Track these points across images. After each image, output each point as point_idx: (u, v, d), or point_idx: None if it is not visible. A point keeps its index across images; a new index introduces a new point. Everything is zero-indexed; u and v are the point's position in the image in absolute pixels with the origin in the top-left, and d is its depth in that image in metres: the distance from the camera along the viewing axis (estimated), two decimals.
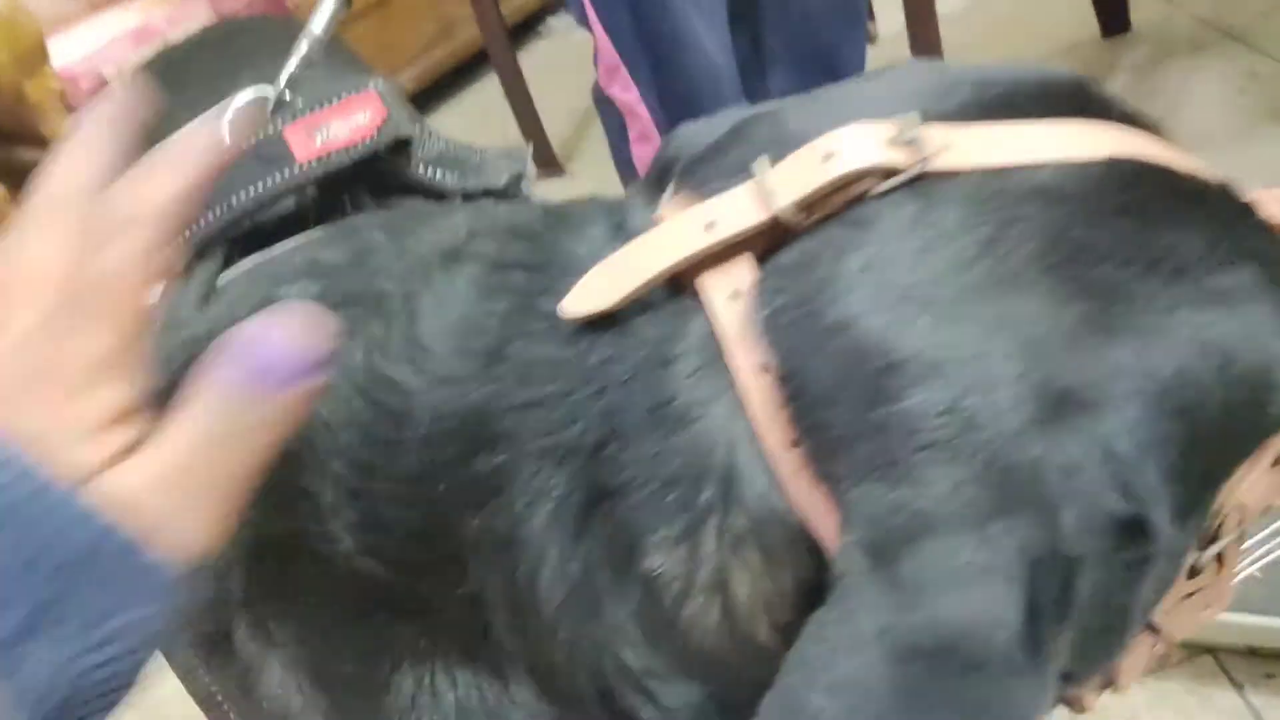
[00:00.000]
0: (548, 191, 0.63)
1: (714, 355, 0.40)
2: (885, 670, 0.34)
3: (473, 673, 0.48)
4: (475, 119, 2.65)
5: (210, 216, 0.60)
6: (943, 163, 0.40)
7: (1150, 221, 0.39)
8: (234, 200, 0.60)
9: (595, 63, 1.40)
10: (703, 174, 0.44)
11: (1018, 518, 0.35)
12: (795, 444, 0.39)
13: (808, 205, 0.40)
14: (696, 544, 0.40)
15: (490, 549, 0.45)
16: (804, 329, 0.39)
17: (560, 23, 3.04)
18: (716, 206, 0.41)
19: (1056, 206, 0.39)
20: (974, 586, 0.34)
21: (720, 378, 0.40)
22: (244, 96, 0.64)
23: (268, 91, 0.64)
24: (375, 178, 0.63)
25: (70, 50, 2.06)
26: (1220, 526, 0.42)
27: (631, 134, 1.40)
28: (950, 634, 0.34)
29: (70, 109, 1.99)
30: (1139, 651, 0.45)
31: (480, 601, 0.46)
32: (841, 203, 0.40)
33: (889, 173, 0.40)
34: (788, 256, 0.41)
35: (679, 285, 0.42)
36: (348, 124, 0.61)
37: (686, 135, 0.47)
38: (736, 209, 0.41)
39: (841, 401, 0.37)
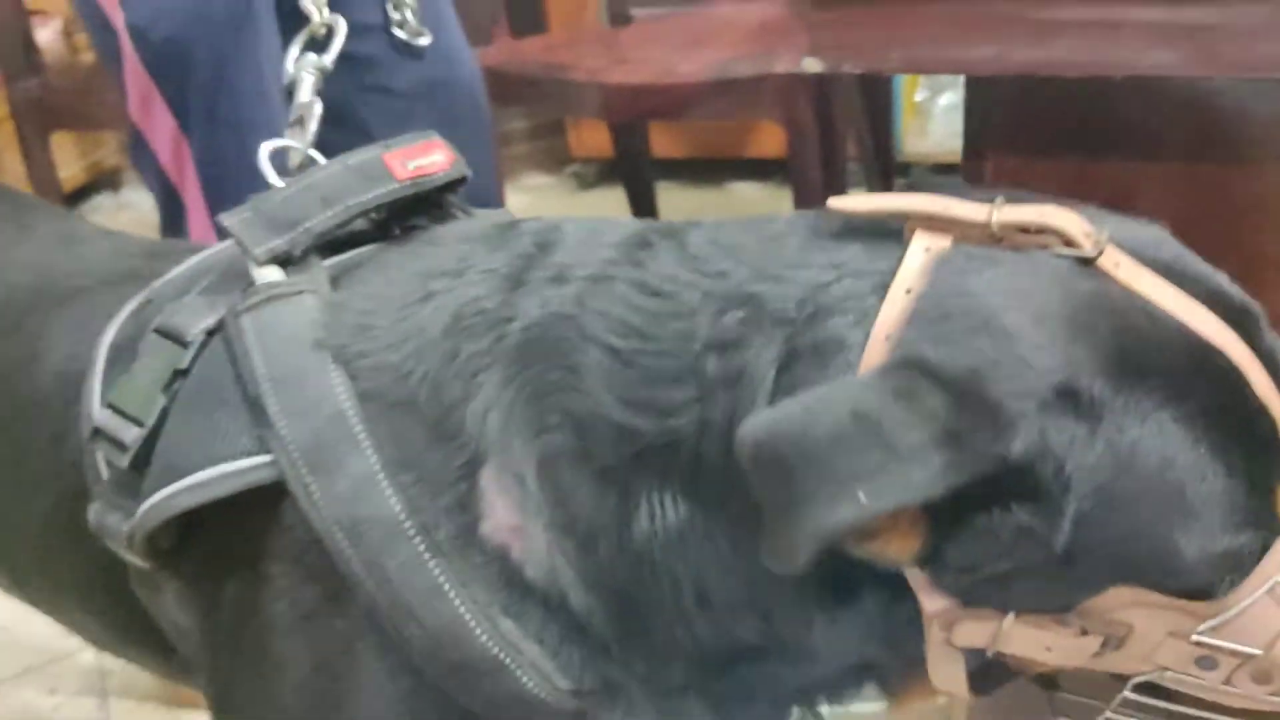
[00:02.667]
0: None
1: (890, 275, 0.58)
2: (843, 420, 0.52)
3: (689, 501, 0.61)
4: None
5: (328, 213, 0.73)
6: (1109, 262, 0.56)
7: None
8: (350, 202, 0.73)
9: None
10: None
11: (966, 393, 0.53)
12: (888, 339, 0.56)
13: (1012, 229, 0.58)
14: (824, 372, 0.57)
15: (723, 384, 0.59)
16: (946, 285, 0.57)
17: (108, 200, 2.98)
18: (957, 203, 0.59)
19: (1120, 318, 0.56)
20: (929, 411, 0.52)
21: (882, 290, 0.58)
22: (276, 144, 0.82)
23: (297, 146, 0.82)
24: (432, 206, 0.78)
25: None
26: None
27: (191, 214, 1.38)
28: (886, 428, 0.52)
29: None
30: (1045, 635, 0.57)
31: (702, 434, 0.60)
32: (1029, 243, 0.58)
33: (1068, 243, 0.57)
34: (968, 249, 0.58)
35: (899, 233, 0.59)
36: (430, 157, 0.77)
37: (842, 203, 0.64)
38: (971, 208, 0.58)
39: (934, 328, 0.55)
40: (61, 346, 0.80)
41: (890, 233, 0.60)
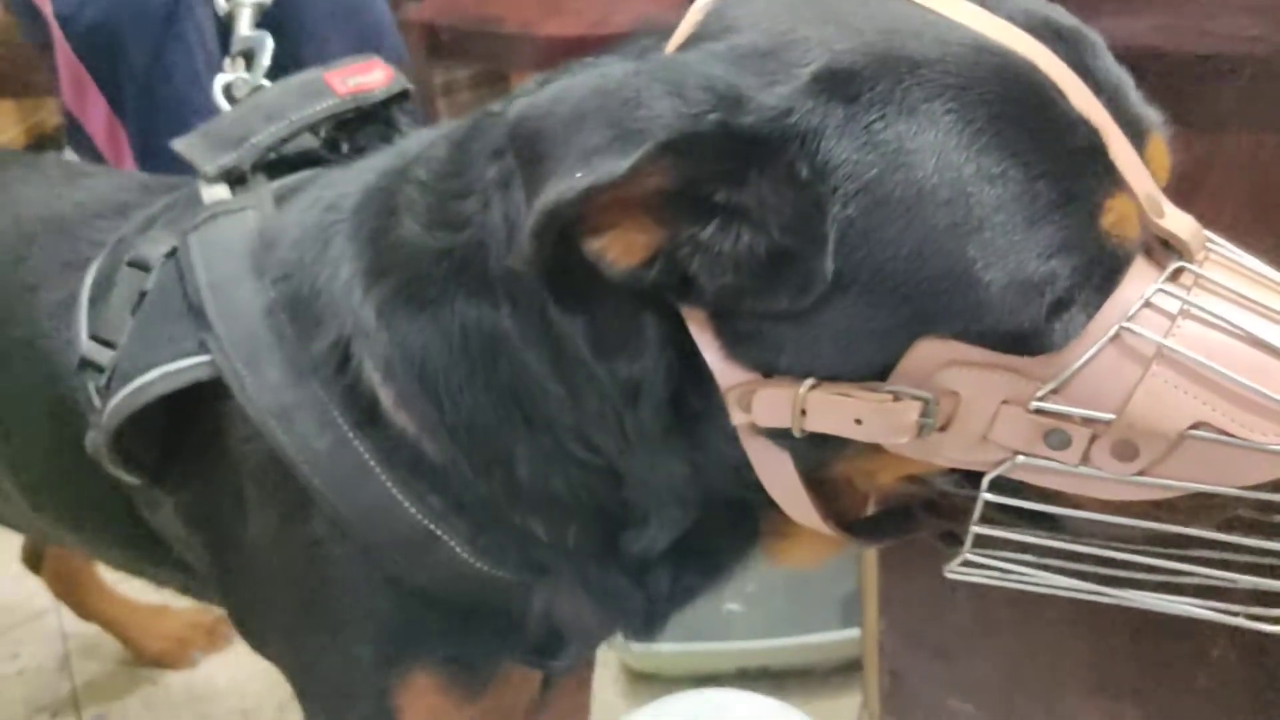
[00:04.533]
0: None
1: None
2: (585, 96, 0.51)
3: (496, 311, 0.62)
4: None
5: (272, 128, 0.78)
6: None
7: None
8: (293, 117, 0.79)
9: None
10: None
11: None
12: None
13: None
14: None
15: (499, 187, 0.61)
16: (713, 11, 0.57)
17: None
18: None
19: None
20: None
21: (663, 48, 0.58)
22: (225, 78, 0.88)
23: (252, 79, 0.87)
24: (378, 122, 0.82)
25: None
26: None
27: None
28: (615, 105, 0.50)
29: None
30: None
31: (490, 240, 0.61)
32: None
33: None
34: None
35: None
36: (370, 75, 0.82)
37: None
38: None
39: (691, 42, 0.56)
40: (55, 280, 0.84)
41: None
